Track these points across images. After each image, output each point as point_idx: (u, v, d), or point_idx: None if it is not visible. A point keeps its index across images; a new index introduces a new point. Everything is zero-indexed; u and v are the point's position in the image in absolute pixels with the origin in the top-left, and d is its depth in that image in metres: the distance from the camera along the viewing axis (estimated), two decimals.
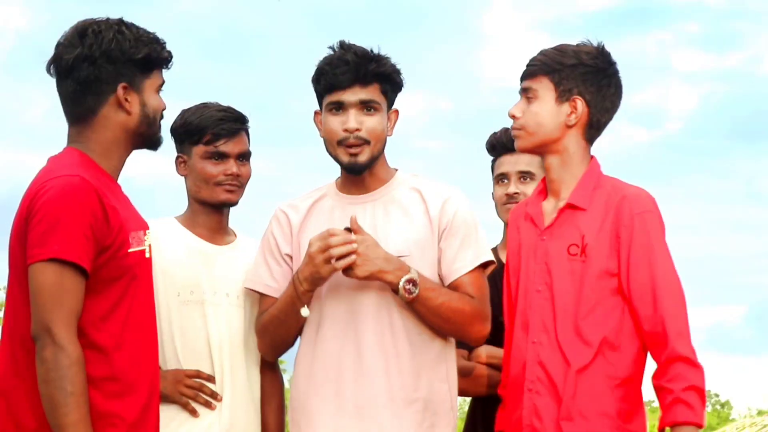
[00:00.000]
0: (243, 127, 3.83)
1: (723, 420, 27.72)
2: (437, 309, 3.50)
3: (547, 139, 3.44)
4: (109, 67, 3.02)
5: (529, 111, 3.45)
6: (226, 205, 3.81)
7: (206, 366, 3.69)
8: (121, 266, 2.96)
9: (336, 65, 3.56)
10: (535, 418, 3.35)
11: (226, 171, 3.75)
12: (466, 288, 3.56)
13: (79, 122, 3.07)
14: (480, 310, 3.56)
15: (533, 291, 3.43)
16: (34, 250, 2.86)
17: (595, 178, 3.44)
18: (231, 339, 3.71)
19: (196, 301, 3.71)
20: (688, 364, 3.26)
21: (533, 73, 3.46)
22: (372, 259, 3.42)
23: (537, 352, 3.38)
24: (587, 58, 3.45)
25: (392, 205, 3.60)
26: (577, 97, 3.42)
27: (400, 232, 3.55)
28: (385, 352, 3.50)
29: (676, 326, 3.28)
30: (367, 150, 3.56)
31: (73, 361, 2.82)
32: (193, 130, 3.78)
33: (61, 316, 2.83)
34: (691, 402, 3.23)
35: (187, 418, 3.67)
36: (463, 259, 3.56)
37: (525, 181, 4.11)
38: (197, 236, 3.80)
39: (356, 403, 3.49)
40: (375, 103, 3.57)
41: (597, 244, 3.35)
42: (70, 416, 2.80)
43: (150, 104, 3.09)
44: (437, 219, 3.57)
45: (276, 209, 3.73)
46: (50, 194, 2.88)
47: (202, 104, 3.86)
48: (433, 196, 3.60)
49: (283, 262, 3.66)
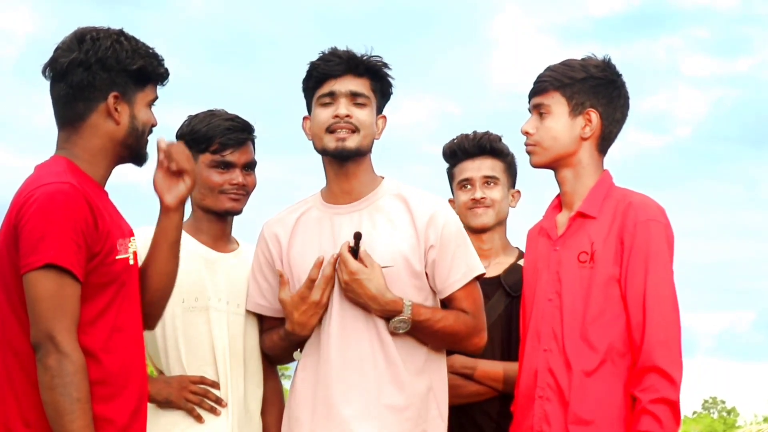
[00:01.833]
0: (250, 137, 3.84)
1: (729, 426, 27.72)
2: (433, 334, 3.56)
3: (563, 154, 3.49)
4: (103, 75, 3.04)
5: (543, 127, 3.49)
6: (230, 213, 3.83)
7: (210, 372, 3.70)
8: (109, 272, 2.98)
9: (329, 58, 3.64)
10: (545, 423, 3.39)
11: (232, 180, 3.77)
12: (461, 303, 3.60)
13: (68, 127, 3.08)
14: (475, 325, 3.61)
15: (545, 300, 3.47)
16: (29, 258, 2.87)
17: (606, 187, 3.48)
18: (232, 346, 3.72)
19: (201, 307, 3.72)
20: (662, 375, 3.26)
21: (544, 89, 3.50)
22: (357, 293, 3.50)
23: (547, 360, 3.42)
24: (596, 71, 3.50)
25: (378, 214, 3.62)
26: (591, 110, 3.47)
27: (386, 243, 3.57)
28: (374, 362, 3.53)
29: (657, 336, 3.29)
30: (356, 137, 3.59)
31: (77, 367, 2.83)
32: (200, 138, 3.78)
33: (64, 323, 2.85)
34: (659, 414, 3.25)
35: (192, 424, 3.68)
36: (456, 273, 3.60)
37: (490, 186, 4.13)
38: (201, 243, 3.81)
39: (345, 413, 3.51)
40: (365, 96, 3.62)
41: (604, 251, 3.39)
42: (77, 422, 2.81)
43: (140, 117, 3.10)
44: (424, 232, 3.58)
45: (263, 228, 3.77)
46: (40, 202, 2.89)
47: (209, 112, 3.86)
48: (419, 207, 3.62)
49: (273, 279, 3.70)
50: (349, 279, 3.48)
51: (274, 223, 3.74)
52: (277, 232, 3.71)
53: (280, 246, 3.69)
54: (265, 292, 3.71)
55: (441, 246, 3.58)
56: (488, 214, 4.11)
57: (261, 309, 3.73)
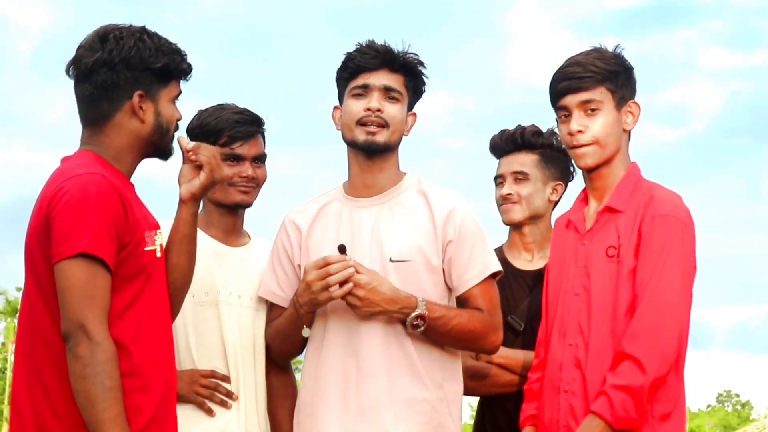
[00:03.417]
0: (259, 129, 3.85)
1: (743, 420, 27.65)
2: (448, 333, 3.53)
3: (616, 149, 3.46)
4: (128, 74, 3.05)
5: (596, 123, 3.43)
6: (240, 206, 3.83)
7: (221, 366, 3.71)
8: (138, 264, 2.99)
9: (366, 51, 3.65)
10: (571, 418, 3.39)
11: (241, 173, 3.78)
12: (477, 300, 3.58)
13: (93, 126, 3.10)
14: (491, 323, 3.58)
15: (572, 294, 3.46)
16: (61, 248, 2.87)
17: (634, 180, 3.47)
18: (242, 340, 3.73)
19: (211, 302, 3.73)
20: (634, 363, 3.24)
21: (587, 84, 3.44)
22: (375, 302, 3.44)
23: (573, 354, 3.42)
24: (626, 62, 3.49)
25: (398, 208, 3.62)
26: (633, 102, 3.46)
27: (404, 237, 3.57)
28: (388, 355, 3.52)
29: (640, 325, 3.27)
30: (386, 132, 3.60)
31: (109, 356, 2.84)
32: (209, 131, 3.79)
33: (95, 312, 2.85)
34: (614, 399, 3.23)
35: (203, 418, 3.69)
36: (472, 270, 3.58)
37: (518, 182, 4.13)
38: (212, 237, 3.82)
39: (360, 405, 3.51)
40: (398, 92, 3.63)
41: (628, 245, 3.38)
42: (110, 411, 2.81)
43: (164, 114, 3.11)
44: (442, 228, 3.58)
45: (284, 217, 3.77)
46: (73, 192, 2.90)
47: (219, 105, 3.87)
48: (438, 203, 3.62)
49: (291, 271, 3.70)
50: (365, 293, 3.43)
51: (295, 213, 3.75)
52: (297, 221, 3.72)
53: (299, 234, 3.70)
54: (282, 282, 3.72)
55: (458, 242, 3.58)
56: (515, 210, 4.11)
57: (275, 298, 3.73)
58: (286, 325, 3.65)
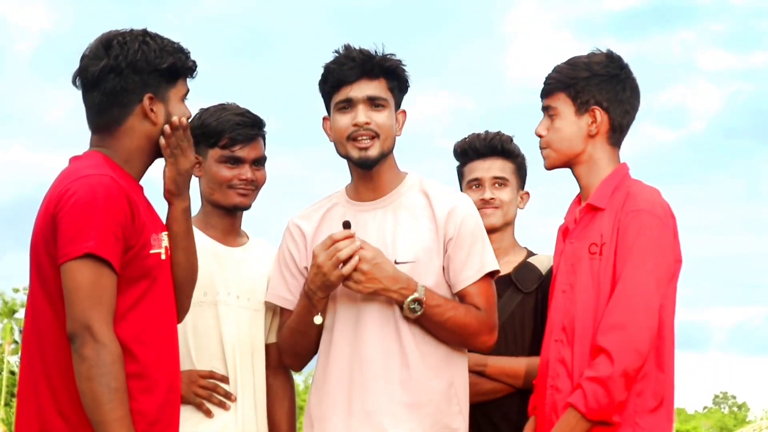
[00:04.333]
0: (260, 132, 3.85)
1: (740, 422, 27.67)
2: (443, 324, 3.55)
3: (573, 153, 3.56)
4: (135, 78, 3.05)
5: (552, 128, 3.56)
6: (239, 208, 3.84)
7: (220, 366, 3.72)
8: (142, 266, 3.00)
9: (342, 62, 3.62)
10: (554, 414, 3.42)
11: (241, 176, 3.78)
12: (473, 298, 3.60)
13: (104, 131, 3.10)
14: (486, 322, 3.60)
15: (559, 292, 3.53)
16: (68, 248, 2.88)
17: (618, 179, 3.52)
18: (241, 340, 3.74)
19: (210, 302, 3.74)
20: (606, 356, 3.29)
21: (550, 91, 3.58)
22: (377, 278, 3.47)
23: (558, 350, 3.47)
24: (599, 68, 3.55)
25: (401, 210, 3.64)
26: (595, 107, 3.53)
27: (409, 239, 3.60)
28: (391, 357, 3.54)
29: (612, 318, 3.32)
30: (378, 144, 3.60)
31: (115, 357, 2.84)
32: (210, 132, 3.79)
33: (101, 313, 2.86)
34: (587, 391, 3.29)
35: (202, 419, 3.69)
36: (470, 269, 3.61)
37: (499, 187, 4.16)
38: (210, 237, 3.82)
39: (365, 408, 3.53)
40: (382, 99, 3.62)
41: (610, 242, 3.43)
42: (116, 412, 2.82)
43: (175, 113, 3.11)
44: (443, 227, 3.61)
45: (288, 222, 3.77)
46: (80, 193, 2.90)
47: (220, 106, 3.87)
48: (439, 202, 3.64)
49: (298, 274, 3.71)
50: (370, 267, 3.47)
51: (299, 218, 3.76)
52: (302, 226, 3.73)
53: (305, 239, 3.71)
54: (291, 287, 3.72)
55: (457, 240, 3.60)
56: (496, 214, 4.14)
57: (285, 303, 3.73)
58: (297, 320, 3.64)
